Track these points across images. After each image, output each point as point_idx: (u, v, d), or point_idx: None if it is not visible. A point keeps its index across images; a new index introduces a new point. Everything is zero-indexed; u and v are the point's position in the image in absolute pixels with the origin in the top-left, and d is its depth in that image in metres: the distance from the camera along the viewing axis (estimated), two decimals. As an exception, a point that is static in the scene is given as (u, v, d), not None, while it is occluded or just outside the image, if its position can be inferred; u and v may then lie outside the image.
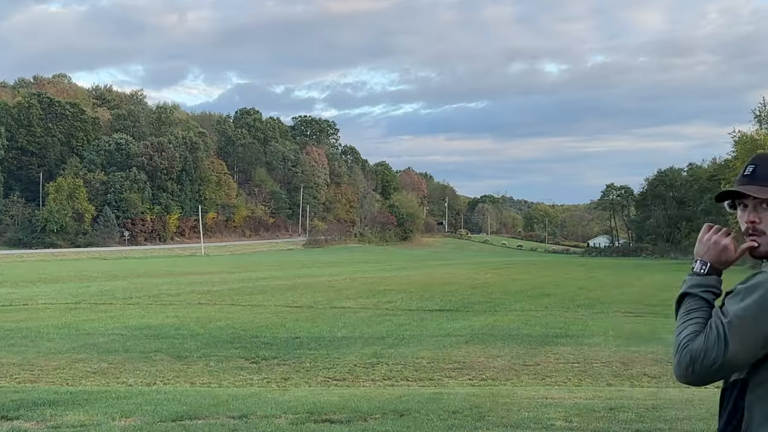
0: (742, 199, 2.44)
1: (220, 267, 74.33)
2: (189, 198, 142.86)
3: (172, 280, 51.95)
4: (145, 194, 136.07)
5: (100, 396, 11.66)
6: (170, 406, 10.52)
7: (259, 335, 22.44)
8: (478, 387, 13.71)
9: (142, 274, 61.26)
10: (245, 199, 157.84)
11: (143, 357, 18.38)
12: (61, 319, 27.00)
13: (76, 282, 49.69)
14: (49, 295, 38.81)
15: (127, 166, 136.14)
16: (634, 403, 10.77)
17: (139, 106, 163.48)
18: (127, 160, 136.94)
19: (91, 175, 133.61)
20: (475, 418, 9.33)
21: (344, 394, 12.08)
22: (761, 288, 2.29)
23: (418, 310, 30.73)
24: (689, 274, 2.46)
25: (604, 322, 27.28)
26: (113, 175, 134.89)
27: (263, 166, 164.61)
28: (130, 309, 31.06)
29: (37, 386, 13.92)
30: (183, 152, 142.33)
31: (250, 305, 32.82)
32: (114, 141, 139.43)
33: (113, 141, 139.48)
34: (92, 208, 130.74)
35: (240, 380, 15.39)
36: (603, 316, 29.46)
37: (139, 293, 39.52)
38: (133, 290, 41.67)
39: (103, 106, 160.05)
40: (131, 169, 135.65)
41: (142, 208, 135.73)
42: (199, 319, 27.22)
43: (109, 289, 43.13)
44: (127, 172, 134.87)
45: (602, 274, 66.54)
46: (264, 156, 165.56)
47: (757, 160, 2.46)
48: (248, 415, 9.80)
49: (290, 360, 17.91)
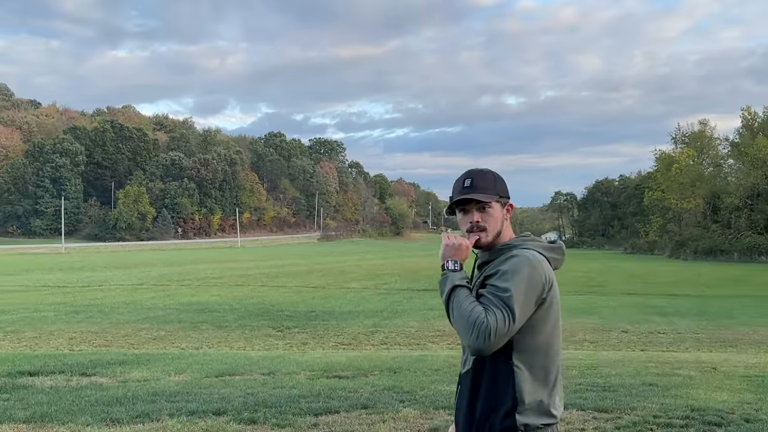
0: (463, 206, 2.53)
1: (253, 256, 74.29)
2: (228, 202, 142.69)
3: (215, 266, 51.95)
4: (194, 199, 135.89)
5: (158, 357, 11.67)
6: (214, 365, 10.53)
7: (283, 309, 22.46)
8: (454, 350, 13.71)
9: (191, 262, 61.25)
10: (272, 203, 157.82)
11: (192, 327, 18.40)
12: (128, 297, 27.02)
13: (140, 268, 49.69)
14: (118, 278, 38.83)
15: (180, 177, 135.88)
16: (578, 363, 10.77)
17: (189, 130, 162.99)
18: (180, 172, 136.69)
19: (152, 184, 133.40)
20: (452, 374, 9.34)
21: (350, 356, 12.09)
22: (524, 266, 2.36)
23: (408, 290, 30.76)
24: (449, 272, 2.47)
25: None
26: (169, 184, 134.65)
27: (287, 177, 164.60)
28: (182, 289, 31.08)
29: (109, 349, 13.94)
30: (224, 166, 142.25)
31: (276, 286, 32.84)
32: (170, 158, 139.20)
33: (169, 158, 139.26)
34: (152, 210, 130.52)
35: (268, 345, 15.40)
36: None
37: (189, 277, 39.53)
38: (184, 275, 41.68)
39: (161, 130, 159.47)
40: (183, 179, 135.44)
41: (191, 210, 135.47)
42: (236, 297, 27.23)
43: (165, 273, 43.12)
44: (180, 182, 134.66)
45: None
46: (287, 169, 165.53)
47: (472, 174, 2.55)
48: (275, 372, 9.80)
49: (308, 329, 17.93)
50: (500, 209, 2.55)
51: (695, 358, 12.21)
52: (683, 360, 11.61)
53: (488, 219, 2.50)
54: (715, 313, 22.59)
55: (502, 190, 2.57)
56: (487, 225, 2.50)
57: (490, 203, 2.51)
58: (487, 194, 2.50)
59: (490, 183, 2.54)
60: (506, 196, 2.58)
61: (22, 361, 10.71)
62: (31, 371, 9.53)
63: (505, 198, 2.57)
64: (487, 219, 2.50)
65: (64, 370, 9.68)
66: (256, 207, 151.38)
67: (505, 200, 2.57)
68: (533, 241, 2.54)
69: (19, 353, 12.74)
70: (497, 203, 2.54)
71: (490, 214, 2.51)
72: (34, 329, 17.50)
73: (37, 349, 14.10)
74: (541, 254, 2.47)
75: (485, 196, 2.49)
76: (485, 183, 2.53)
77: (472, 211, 2.51)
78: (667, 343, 15.74)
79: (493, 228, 2.51)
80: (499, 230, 2.52)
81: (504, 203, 2.57)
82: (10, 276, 41.12)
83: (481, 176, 2.56)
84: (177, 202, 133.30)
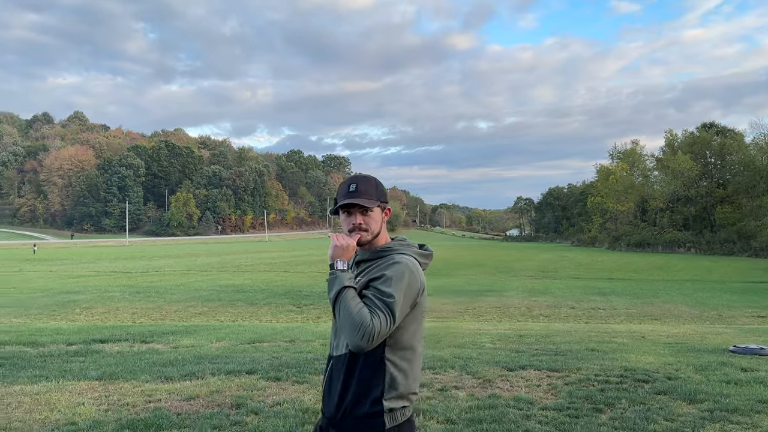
0: (348, 209, 2.30)
1: (278, 248, 74.22)
2: (258, 205, 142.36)
3: (248, 256, 51.88)
4: (230, 203, 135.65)
5: (203, 328, 11.65)
6: (246, 335, 10.52)
7: (302, 290, 22.43)
8: (437, 323, 13.73)
9: (229, 252, 61.16)
10: (293, 206, 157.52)
11: (229, 304, 18.38)
12: (179, 280, 26.96)
13: (188, 258, 49.61)
14: (171, 265, 38.75)
15: (220, 185, 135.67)
16: (534, 332, 10.78)
17: (227, 149, 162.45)
18: (219, 182, 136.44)
19: (197, 191, 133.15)
20: (435, 342, 9.35)
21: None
22: (406, 273, 2.19)
23: (400, 275, 30.75)
24: (338, 272, 2.22)
25: (516, 282, 27.28)
26: (211, 191, 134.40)
27: (304, 185, 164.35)
28: (221, 274, 31.02)
29: (164, 322, 13.91)
30: (254, 177, 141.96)
31: (296, 272, 32.79)
32: (211, 170, 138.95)
33: (211, 170, 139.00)
34: (198, 211, 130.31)
35: (290, 318, 15.38)
36: (515, 279, 29.45)
37: (226, 264, 39.46)
38: (223, 263, 41.62)
39: (204, 149, 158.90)
40: (222, 187, 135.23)
41: (228, 211, 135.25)
42: (264, 280, 27.19)
43: (208, 262, 43.07)
44: (219, 189, 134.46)
45: (514, 252, 66.61)
46: (304, 179, 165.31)
47: (357, 180, 2.34)
48: (295, 339, 9.79)
49: (321, 305, 17.91)
50: (380, 213, 2.34)
51: (628, 329, 12.23)
52: (618, 330, 11.63)
53: (369, 221, 2.30)
54: (644, 294, 22.63)
55: (382, 195, 2.35)
56: (368, 227, 2.29)
57: (372, 208, 2.30)
58: (370, 200, 2.29)
59: (372, 189, 2.32)
60: (385, 201, 2.37)
61: (95, 331, 10.71)
62: (102, 339, 9.53)
63: (384, 203, 2.36)
64: (369, 221, 2.29)
65: (128, 338, 9.67)
66: (280, 209, 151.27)
67: (384, 205, 2.36)
68: (410, 247, 2.35)
69: (92, 325, 12.72)
70: (378, 208, 2.32)
71: (372, 217, 2.30)
72: (104, 306, 17.47)
73: (107, 322, 14.09)
74: (416, 260, 2.30)
75: (368, 202, 2.28)
76: (368, 189, 2.32)
77: (355, 214, 2.30)
78: (606, 317, 15.76)
79: (373, 229, 2.30)
80: (378, 232, 2.32)
81: (383, 208, 2.36)
82: (85, 264, 41.05)
83: (365, 182, 2.34)
84: (217, 205, 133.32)
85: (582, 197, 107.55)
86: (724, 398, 5.71)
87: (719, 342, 9.63)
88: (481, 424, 4.87)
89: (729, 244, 65.46)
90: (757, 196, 68.77)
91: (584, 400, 5.65)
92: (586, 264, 44.80)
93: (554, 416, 5.14)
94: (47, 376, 6.63)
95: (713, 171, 77.81)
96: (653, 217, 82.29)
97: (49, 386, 6.16)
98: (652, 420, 5.02)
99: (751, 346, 8.61)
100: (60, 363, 7.44)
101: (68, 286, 24.02)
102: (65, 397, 5.71)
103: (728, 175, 76.00)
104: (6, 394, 5.87)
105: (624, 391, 6.01)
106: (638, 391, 6.03)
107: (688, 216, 77.34)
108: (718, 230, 71.10)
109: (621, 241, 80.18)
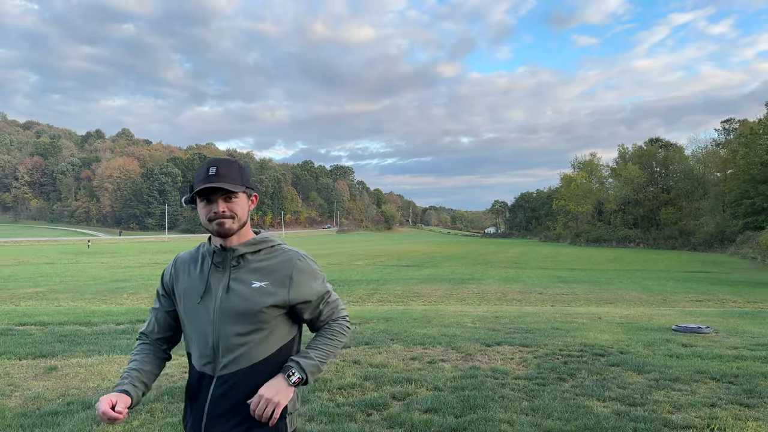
0: (207, 195, 1.73)
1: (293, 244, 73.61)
2: (276, 207, 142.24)
3: (268, 250, 51.74)
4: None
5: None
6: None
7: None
8: (427, 306, 13.73)
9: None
10: (305, 208, 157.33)
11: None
12: (210, 270, 26.89)
13: (218, 251, 49.45)
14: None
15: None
16: (509, 314, 10.78)
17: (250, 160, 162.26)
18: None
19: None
20: (425, 321, 9.35)
21: (357, 310, 12.07)
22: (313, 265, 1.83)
23: (396, 266, 30.69)
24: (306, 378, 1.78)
25: (493, 272, 27.28)
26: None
27: (315, 191, 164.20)
28: (246, 265, 30.95)
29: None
30: (273, 183, 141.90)
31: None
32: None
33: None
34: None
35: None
36: (492, 269, 29.46)
37: (250, 257, 39.38)
38: (247, 255, 41.54)
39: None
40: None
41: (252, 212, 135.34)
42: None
43: (235, 255, 42.96)
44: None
45: (492, 247, 66.64)
46: (315, 186, 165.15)
47: (217, 162, 1.75)
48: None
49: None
50: (246, 200, 1.79)
51: (587, 311, 12.24)
52: (579, 312, 11.63)
53: (235, 208, 1.75)
54: (600, 281, 22.64)
55: (247, 180, 1.78)
56: (235, 213, 1.74)
57: (237, 193, 1.74)
58: (235, 184, 1.72)
59: (236, 173, 1.75)
60: (252, 188, 1.80)
61: (139, 313, 10.68)
62: (145, 320, 9.47)
63: (250, 189, 1.80)
64: (234, 208, 1.74)
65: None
66: (295, 210, 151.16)
67: (250, 191, 1.80)
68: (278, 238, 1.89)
69: (137, 308, 12.69)
70: (243, 194, 1.77)
71: (237, 204, 1.75)
72: (147, 292, 17.43)
73: (149, 305, 14.06)
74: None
75: (234, 186, 1.71)
76: (231, 172, 1.74)
77: (217, 201, 1.73)
78: (568, 301, 15.76)
79: (240, 217, 1.76)
80: (245, 221, 1.79)
81: (249, 194, 1.80)
82: (131, 256, 40.96)
83: (227, 165, 1.75)
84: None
85: (548, 200, 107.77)
86: (668, 369, 5.71)
87: (663, 322, 9.64)
88: (463, 391, 4.87)
89: (672, 240, 65.61)
90: (696, 200, 69.26)
91: (550, 371, 5.65)
92: (552, 257, 44.83)
93: (525, 384, 5.15)
94: (99, 350, 6.61)
95: (658, 178, 78.06)
96: (608, 217, 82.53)
97: (101, 359, 6.15)
98: (607, 388, 5.03)
99: (691, 325, 8.64)
100: (110, 340, 7.41)
101: (117, 275, 23.96)
102: (114, 369, 5.70)
103: (671, 182, 76.41)
104: (65, 365, 5.87)
105: (584, 363, 6.01)
106: (595, 363, 6.02)
107: (638, 216, 77.49)
108: (662, 228, 71.26)
109: (581, 237, 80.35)
